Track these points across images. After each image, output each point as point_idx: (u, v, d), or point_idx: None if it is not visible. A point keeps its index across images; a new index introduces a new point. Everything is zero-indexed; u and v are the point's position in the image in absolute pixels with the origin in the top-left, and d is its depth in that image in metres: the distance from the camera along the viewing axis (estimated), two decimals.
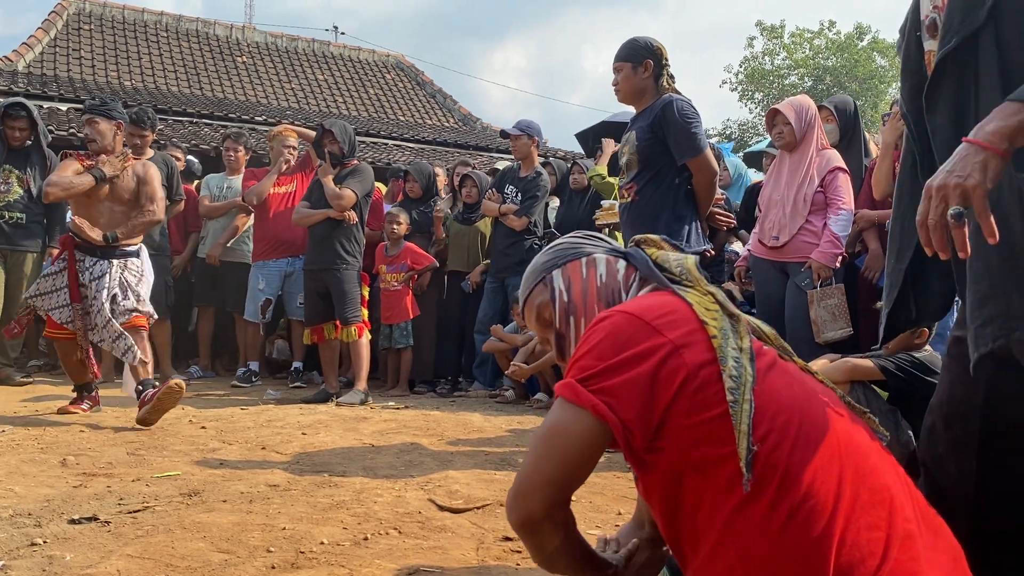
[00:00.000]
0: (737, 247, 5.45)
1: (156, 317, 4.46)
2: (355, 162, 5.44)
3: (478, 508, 2.60)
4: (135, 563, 2.04)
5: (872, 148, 4.53)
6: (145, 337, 4.25)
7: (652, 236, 1.51)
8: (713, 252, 4.65)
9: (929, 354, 2.97)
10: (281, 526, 2.35)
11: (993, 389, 1.41)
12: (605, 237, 1.56)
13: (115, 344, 4.14)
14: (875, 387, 3.00)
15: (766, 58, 29.92)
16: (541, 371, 4.93)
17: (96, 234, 4.16)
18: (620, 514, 2.58)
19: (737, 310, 1.30)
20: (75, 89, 11.85)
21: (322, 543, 2.22)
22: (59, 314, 4.18)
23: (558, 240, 1.57)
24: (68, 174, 4.21)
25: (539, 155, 6.27)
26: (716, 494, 1.16)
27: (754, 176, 6.14)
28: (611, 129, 6.41)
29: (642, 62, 3.43)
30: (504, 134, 5.80)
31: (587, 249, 1.50)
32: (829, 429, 1.19)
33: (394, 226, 5.77)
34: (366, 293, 5.52)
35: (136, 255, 4.34)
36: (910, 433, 2.86)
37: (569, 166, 6.18)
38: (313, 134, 5.74)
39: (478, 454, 3.50)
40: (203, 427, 4.02)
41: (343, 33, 23.80)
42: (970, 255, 1.39)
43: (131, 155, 4.42)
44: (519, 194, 5.57)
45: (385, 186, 7.25)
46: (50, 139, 5.90)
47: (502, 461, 3.34)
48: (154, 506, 2.55)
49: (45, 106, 10.82)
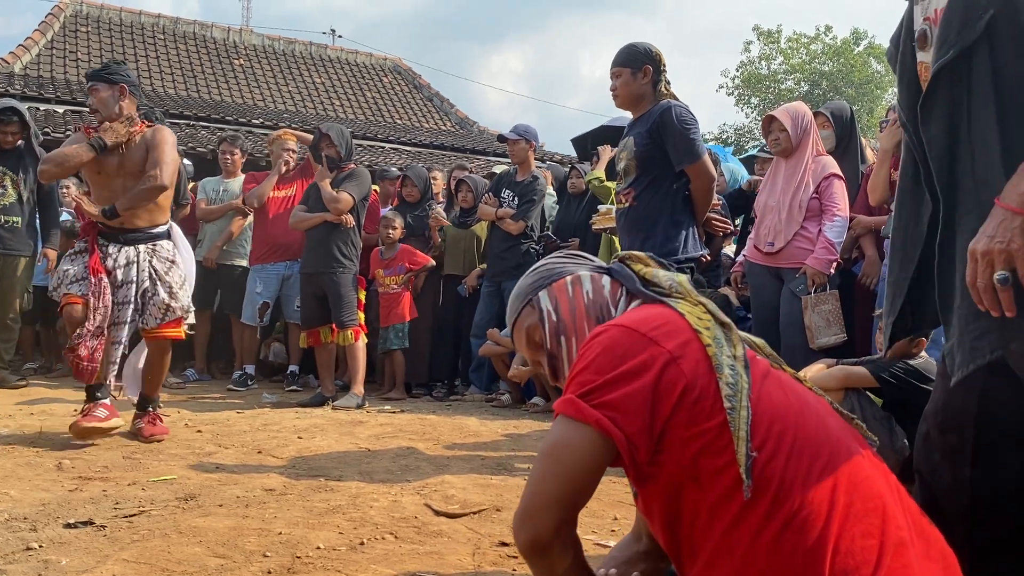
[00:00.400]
0: (729, 250, 5.47)
1: (192, 317, 4.02)
2: (352, 166, 5.45)
3: (474, 513, 2.61)
4: (131, 568, 2.04)
5: (868, 154, 4.54)
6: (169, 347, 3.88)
7: (637, 253, 1.51)
8: (709, 257, 4.67)
9: (924, 361, 2.98)
10: (277, 531, 2.35)
11: (987, 397, 1.42)
12: (587, 255, 1.56)
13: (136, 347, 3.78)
14: (870, 394, 3.01)
15: (763, 63, 30.00)
16: (539, 374, 4.94)
17: (94, 209, 3.67)
18: (616, 519, 2.58)
19: (729, 320, 1.31)
20: (72, 91, 11.84)
21: (318, 548, 2.22)
22: (78, 287, 3.62)
23: (541, 262, 1.56)
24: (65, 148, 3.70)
25: (536, 159, 6.27)
26: (714, 505, 1.17)
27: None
28: (608, 134, 6.43)
29: (641, 68, 3.43)
30: (502, 138, 5.81)
31: (571, 268, 1.50)
32: (822, 438, 1.20)
33: (389, 230, 5.78)
34: (363, 297, 5.52)
35: (165, 236, 3.86)
36: (905, 440, 2.88)
37: (567, 170, 6.18)
38: (312, 138, 5.75)
39: (474, 459, 3.50)
40: (199, 431, 4.02)
41: (340, 36, 23.84)
42: (964, 267, 1.40)
43: (142, 121, 3.80)
44: (515, 198, 5.58)
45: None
46: (41, 139, 5.85)
47: (498, 466, 3.35)
48: (150, 510, 2.55)
49: (42, 108, 10.83)
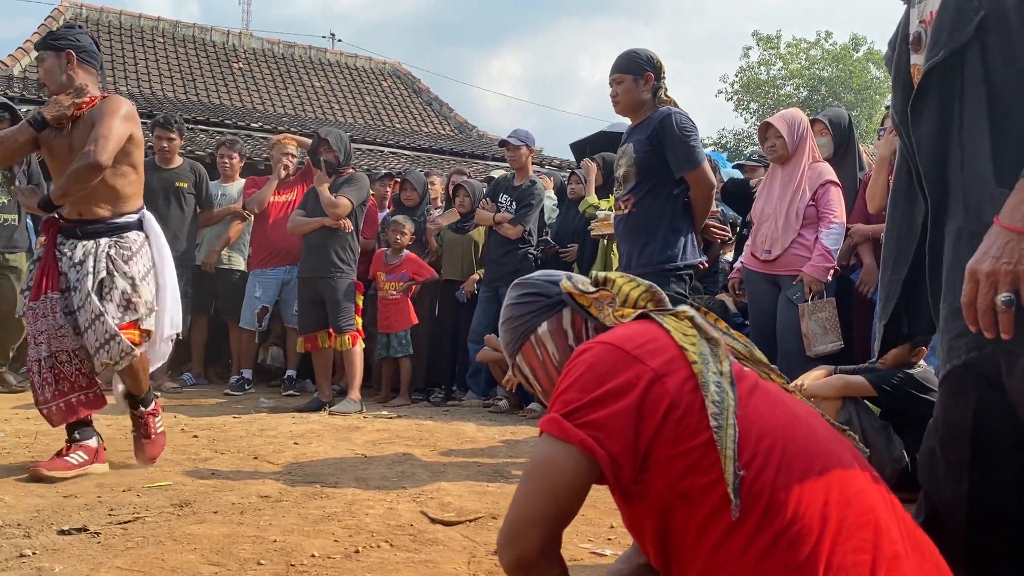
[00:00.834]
0: (728, 256, 5.46)
1: (171, 327, 3.42)
2: (351, 170, 5.45)
3: (470, 521, 2.60)
4: (125, 575, 2.03)
5: (866, 161, 4.54)
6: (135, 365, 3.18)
7: (611, 274, 1.48)
8: (707, 264, 4.67)
9: (923, 370, 2.98)
10: (272, 538, 2.34)
11: (981, 409, 1.41)
12: (543, 279, 1.51)
13: (102, 350, 3.05)
14: (868, 403, 3.01)
15: (762, 68, 30.05)
16: None
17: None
18: (612, 528, 2.58)
19: (716, 333, 1.29)
20: None
21: (313, 556, 2.21)
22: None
23: (504, 309, 1.52)
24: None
25: (535, 163, 6.27)
26: (703, 522, 1.16)
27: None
28: (608, 140, 6.44)
29: (643, 75, 3.44)
30: (504, 143, 5.80)
31: (529, 322, 1.47)
32: (813, 451, 1.19)
33: (398, 236, 5.74)
34: (360, 302, 5.52)
35: (134, 227, 3.23)
36: (903, 450, 2.87)
37: (567, 175, 6.18)
38: (311, 142, 5.74)
39: (471, 465, 3.49)
40: (195, 436, 4.01)
41: (340, 40, 23.82)
42: (949, 267, 1.40)
43: (95, 94, 3.16)
44: (513, 203, 5.57)
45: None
46: None
47: (495, 473, 3.34)
48: (144, 517, 2.54)
49: None
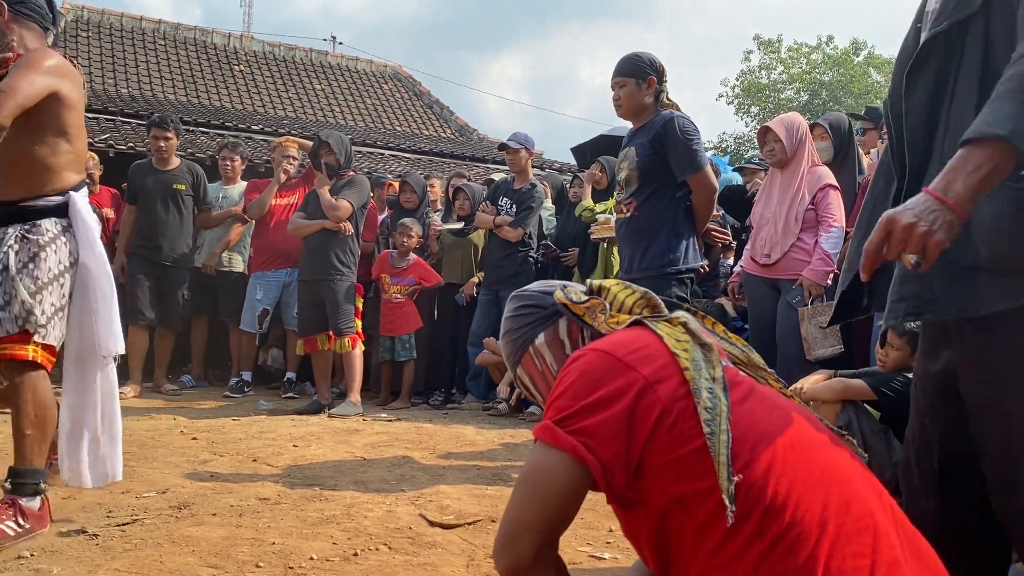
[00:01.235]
0: (729, 261, 5.47)
1: (47, 340, 2.42)
2: (351, 173, 5.45)
3: (469, 524, 2.59)
4: None
5: (866, 165, 4.54)
6: (29, 389, 2.39)
7: (607, 281, 1.49)
8: (708, 268, 4.67)
9: None
10: (271, 541, 2.34)
11: (947, 422, 1.43)
12: (538, 290, 1.51)
13: None
14: (868, 406, 3.01)
15: (763, 72, 30.04)
16: None
17: None
18: (611, 531, 2.57)
19: (710, 339, 1.29)
20: None
21: (311, 559, 2.21)
22: None
23: (503, 322, 1.54)
24: None
25: (535, 167, 6.27)
26: (699, 528, 1.16)
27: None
28: (608, 144, 6.43)
29: (646, 78, 3.44)
30: (503, 147, 5.81)
31: (527, 334, 1.48)
32: (811, 456, 1.19)
33: (405, 239, 5.74)
34: (360, 304, 5.52)
35: (55, 213, 2.48)
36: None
37: (569, 179, 6.17)
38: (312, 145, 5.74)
39: (470, 468, 3.49)
40: (194, 438, 4.00)
41: (341, 43, 23.75)
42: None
43: (17, 49, 2.48)
44: (513, 206, 5.58)
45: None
46: None
47: (494, 476, 3.33)
48: (143, 519, 2.54)
49: None
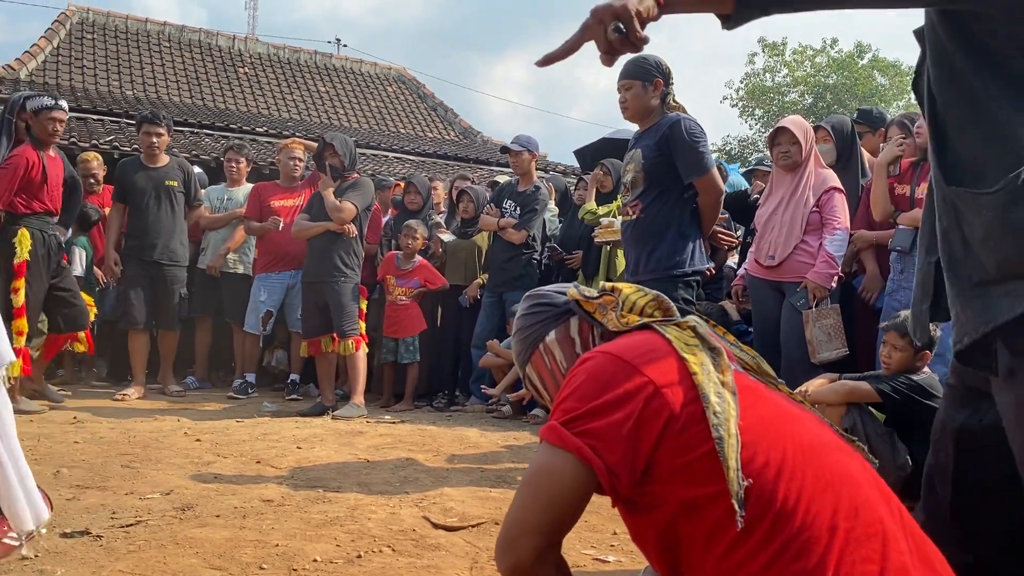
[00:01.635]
0: (732, 262, 5.46)
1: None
2: (356, 175, 5.45)
3: (473, 526, 2.59)
4: None
5: (868, 168, 4.53)
6: None
7: (619, 284, 1.49)
8: (714, 271, 4.66)
9: (927, 376, 2.97)
10: (274, 542, 2.34)
11: (961, 447, 1.44)
12: (552, 290, 1.53)
13: None
14: (872, 409, 3.00)
15: (767, 75, 30.02)
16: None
17: None
18: (615, 534, 2.57)
19: (718, 343, 1.29)
20: (77, 98, 11.87)
21: (315, 560, 2.21)
22: None
23: (515, 320, 1.55)
24: None
25: (539, 169, 6.27)
26: (709, 532, 1.15)
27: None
28: (611, 147, 6.43)
29: (652, 81, 3.44)
30: (505, 150, 5.81)
31: (538, 331, 1.48)
32: (821, 461, 1.18)
33: (410, 240, 5.73)
34: (364, 306, 5.52)
35: None
36: (907, 457, 2.86)
37: (574, 182, 6.17)
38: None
39: (474, 471, 3.49)
40: (198, 439, 4.00)
41: (345, 45, 23.80)
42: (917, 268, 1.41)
43: None
44: (517, 208, 5.58)
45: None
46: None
47: (498, 478, 3.33)
48: (147, 520, 2.54)
49: None
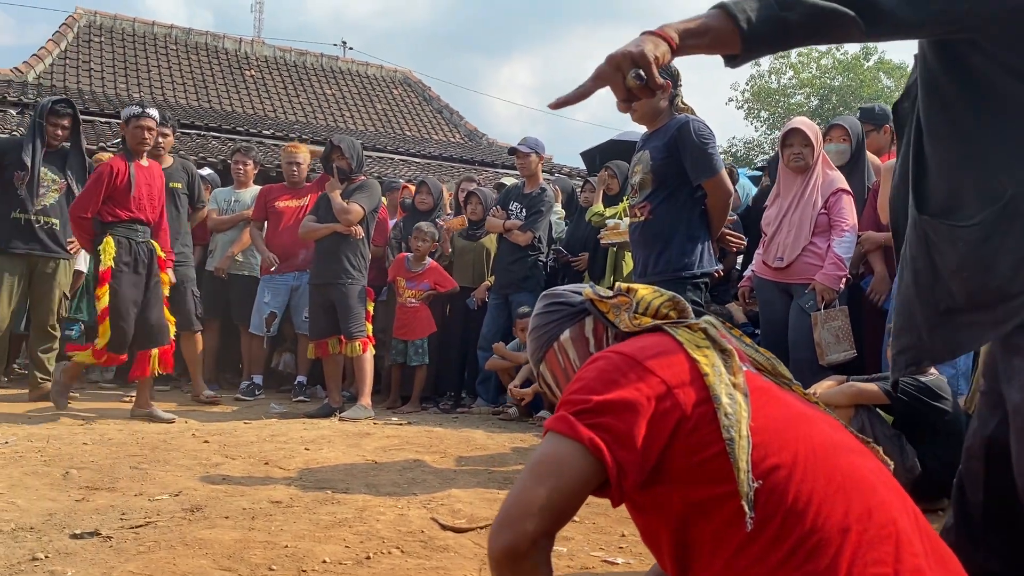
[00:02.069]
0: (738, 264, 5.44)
1: None
2: (362, 177, 5.46)
3: (481, 528, 2.59)
4: None
5: (872, 169, 4.51)
6: None
7: (633, 285, 1.49)
8: (722, 273, 4.66)
9: (935, 378, 2.96)
10: (283, 543, 2.35)
11: (993, 440, 1.49)
12: (568, 290, 1.53)
13: None
14: (880, 411, 2.99)
15: (772, 77, 29.97)
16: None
17: None
18: (623, 536, 2.57)
19: (729, 345, 1.28)
20: (84, 101, 11.92)
21: (324, 562, 2.21)
22: None
23: (531, 320, 1.55)
24: None
25: (544, 171, 6.27)
26: (720, 532, 1.15)
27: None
28: (618, 148, 6.44)
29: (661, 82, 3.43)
30: (513, 151, 5.81)
31: (553, 330, 1.48)
32: (833, 462, 1.18)
33: (420, 242, 5.74)
34: (371, 308, 5.53)
35: None
36: (916, 459, 2.85)
37: (580, 184, 6.17)
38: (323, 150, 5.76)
39: (481, 472, 3.49)
40: (206, 441, 4.01)
41: (351, 48, 23.94)
42: (896, 292, 1.50)
43: None
44: (523, 210, 5.58)
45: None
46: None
47: (505, 480, 3.33)
48: (156, 521, 2.55)
49: None
